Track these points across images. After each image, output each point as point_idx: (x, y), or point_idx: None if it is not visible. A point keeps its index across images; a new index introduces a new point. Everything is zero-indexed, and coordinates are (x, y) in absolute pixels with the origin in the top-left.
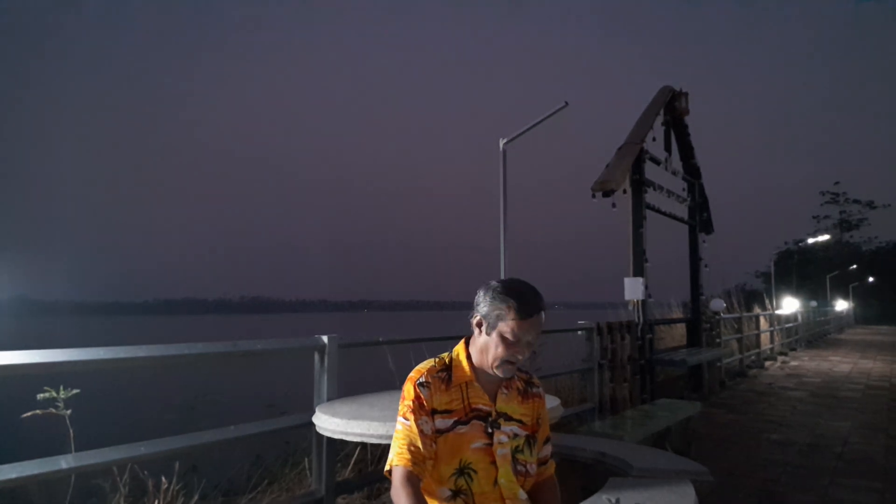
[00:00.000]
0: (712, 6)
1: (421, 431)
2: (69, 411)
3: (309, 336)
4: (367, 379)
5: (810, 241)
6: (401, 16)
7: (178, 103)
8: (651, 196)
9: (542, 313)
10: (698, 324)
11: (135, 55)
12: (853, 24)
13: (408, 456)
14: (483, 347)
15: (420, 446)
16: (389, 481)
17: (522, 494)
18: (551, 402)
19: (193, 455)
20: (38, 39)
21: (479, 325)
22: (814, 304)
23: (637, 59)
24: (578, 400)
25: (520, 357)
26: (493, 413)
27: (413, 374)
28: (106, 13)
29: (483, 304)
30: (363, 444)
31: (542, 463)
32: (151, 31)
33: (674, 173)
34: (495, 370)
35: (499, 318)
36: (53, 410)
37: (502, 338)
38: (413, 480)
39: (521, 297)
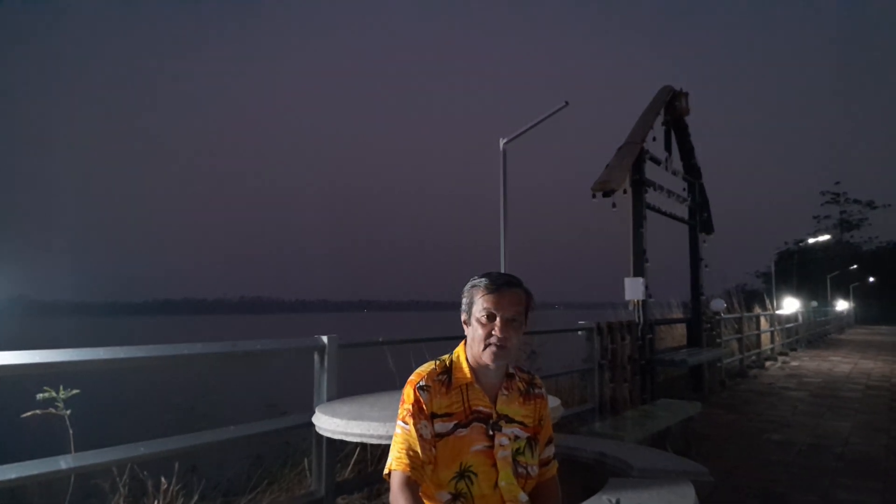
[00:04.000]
0: (714, 5)
1: (420, 436)
2: (69, 411)
3: (309, 336)
4: (366, 379)
5: (811, 241)
6: (400, 15)
7: (179, 103)
8: (651, 196)
9: (517, 289)
10: (699, 324)
11: (135, 54)
12: (853, 21)
13: (406, 461)
14: (470, 340)
15: (419, 451)
16: (389, 482)
17: (523, 497)
18: (551, 402)
19: (193, 455)
20: (39, 36)
21: (466, 322)
22: (814, 304)
23: (638, 58)
24: (579, 400)
25: (499, 335)
26: (494, 415)
27: (413, 378)
28: (114, 11)
29: (463, 299)
30: (363, 445)
31: (543, 464)
32: (150, 30)
33: (674, 173)
34: (483, 358)
35: (472, 302)
36: (53, 410)
37: (478, 321)
38: (411, 485)
39: (489, 275)
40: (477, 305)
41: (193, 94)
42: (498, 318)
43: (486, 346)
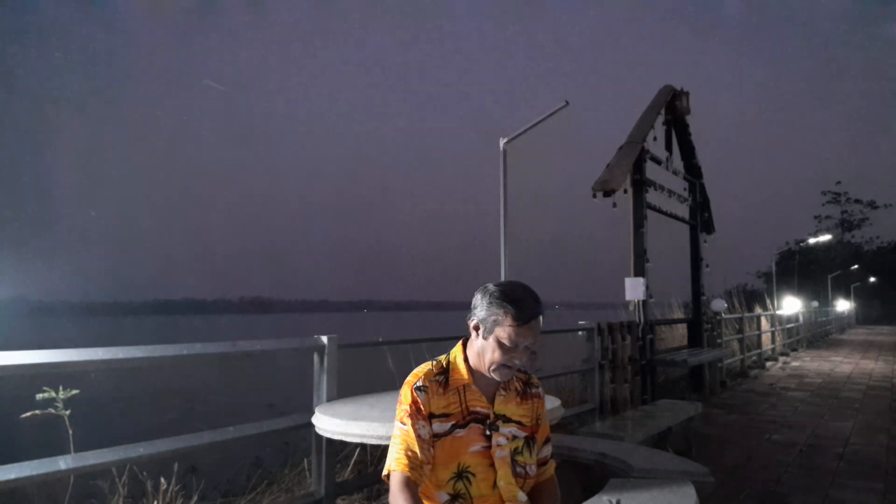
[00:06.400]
0: (713, 5)
1: (418, 436)
2: (68, 412)
3: (308, 336)
4: (366, 379)
5: (811, 241)
6: (399, 13)
7: (178, 103)
8: (652, 196)
9: (541, 318)
10: (699, 324)
11: (132, 53)
12: (854, 21)
13: (405, 461)
14: (480, 351)
15: (417, 451)
16: (388, 483)
17: (522, 496)
18: (552, 402)
19: (192, 456)
20: (38, 35)
21: (477, 328)
22: (815, 304)
23: (637, 57)
24: (579, 400)
25: (517, 362)
26: (492, 415)
27: (410, 378)
28: (106, 14)
29: (480, 308)
30: (363, 445)
31: (541, 464)
32: (150, 28)
33: (675, 173)
34: (492, 373)
35: (496, 323)
36: (52, 411)
37: (499, 343)
38: (411, 486)
39: (518, 303)
40: (501, 331)
41: (193, 92)
42: (520, 347)
43: (499, 367)
